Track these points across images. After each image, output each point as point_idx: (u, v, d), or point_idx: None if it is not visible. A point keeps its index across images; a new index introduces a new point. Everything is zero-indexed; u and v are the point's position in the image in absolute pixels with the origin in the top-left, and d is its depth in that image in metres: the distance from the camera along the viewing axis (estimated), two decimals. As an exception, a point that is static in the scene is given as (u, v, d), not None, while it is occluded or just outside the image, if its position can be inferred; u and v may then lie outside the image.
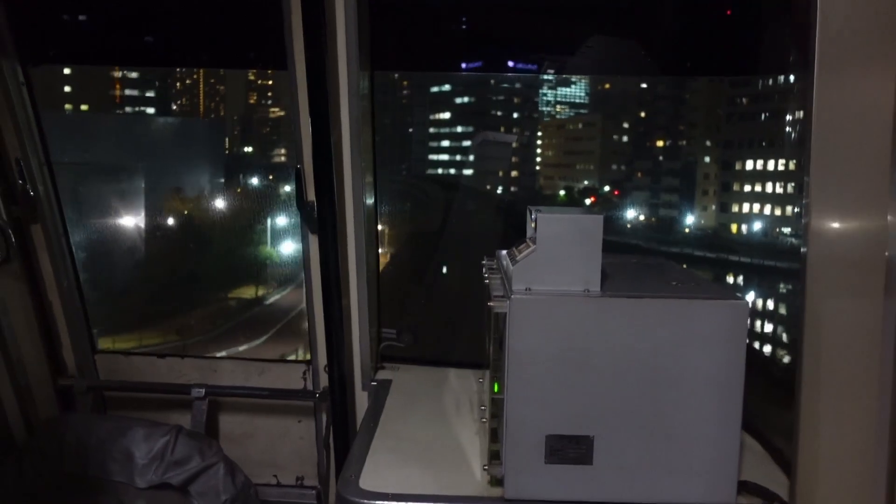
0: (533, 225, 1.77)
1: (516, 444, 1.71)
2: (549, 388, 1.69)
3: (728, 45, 2.47)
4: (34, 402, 2.79)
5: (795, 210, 2.98)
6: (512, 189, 4.18)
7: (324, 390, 2.73)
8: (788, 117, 2.60)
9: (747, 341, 1.67)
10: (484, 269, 2.04)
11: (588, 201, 3.95)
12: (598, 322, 1.67)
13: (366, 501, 1.77)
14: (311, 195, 2.41)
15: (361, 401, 2.66)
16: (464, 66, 3.09)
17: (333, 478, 2.79)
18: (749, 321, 1.68)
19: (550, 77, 3.72)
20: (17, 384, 2.70)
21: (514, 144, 4.09)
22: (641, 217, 3.90)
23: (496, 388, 1.83)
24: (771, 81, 2.88)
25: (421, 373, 2.73)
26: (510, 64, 3.06)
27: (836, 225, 1.52)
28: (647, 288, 1.77)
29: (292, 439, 2.96)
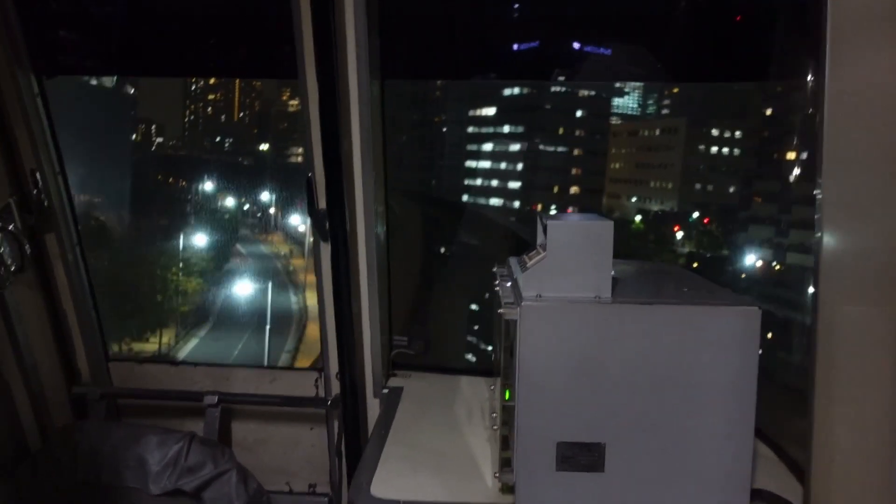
0: (543, 232, 1.77)
1: (527, 452, 1.71)
2: (560, 395, 1.69)
3: (742, 50, 2.46)
4: (48, 410, 2.80)
5: None
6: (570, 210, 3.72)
7: (335, 398, 2.73)
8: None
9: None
10: (495, 277, 2.05)
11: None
12: (608, 329, 1.67)
13: None
14: (322, 203, 2.42)
15: (373, 408, 2.66)
16: (516, 46, 2.70)
17: (345, 485, 2.80)
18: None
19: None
20: (32, 391, 2.72)
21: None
22: (753, 260, 2.63)
23: (507, 396, 1.83)
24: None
25: (432, 380, 2.73)
26: (576, 46, 2.66)
27: (849, 232, 1.51)
28: (658, 294, 1.77)
29: (304, 446, 2.96)
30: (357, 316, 2.55)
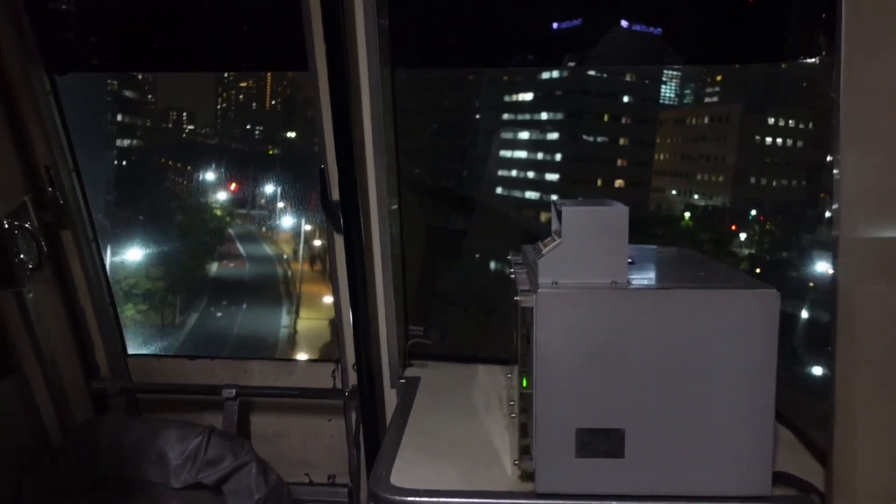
0: (558, 218, 1.76)
1: (546, 439, 1.70)
2: (578, 381, 1.68)
3: (755, 31, 2.42)
4: (69, 405, 2.83)
5: None
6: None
7: (353, 389, 2.74)
8: None
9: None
10: (510, 264, 2.04)
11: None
12: (626, 314, 1.66)
13: (397, 498, 1.77)
14: (335, 195, 2.41)
15: (391, 398, 2.67)
16: (556, 25, 2.57)
17: (365, 475, 2.80)
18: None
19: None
20: (52, 387, 2.75)
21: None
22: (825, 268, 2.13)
23: (525, 383, 1.82)
24: None
25: (449, 369, 2.73)
26: (623, 24, 2.53)
27: (868, 210, 1.49)
28: (675, 279, 1.75)
29: (323, 438, 2.97)
30: (373, 306, 2.55)
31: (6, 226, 2.45)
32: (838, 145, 1.48)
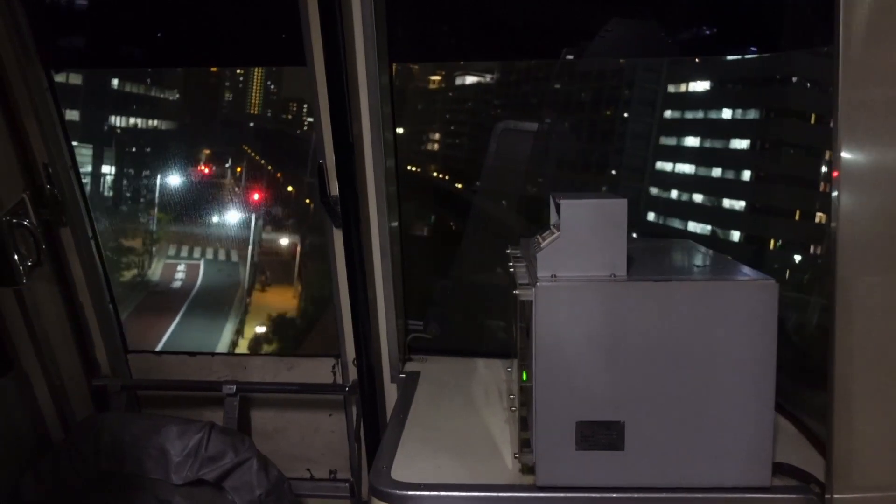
0: (557, 211, 1.76)
1: (547, 432, 1.71)
2: (577, 374, 1.68)
3: (753, 21, 2.40)
4: (69, 402, 2.83)
5: None
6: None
7: (353, 384, 2.74)
8: None
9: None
10: (509, 258, 2.04)
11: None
12: (625, 307, 1.66)
13: (398, 492, 1.78)
14: (334, 190, 2.41)
15: (391, 393, 2.67)
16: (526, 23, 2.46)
17: (365, 470, 2.81)
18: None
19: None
20: (53, 385, 2.75)
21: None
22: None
23: (525, 377, 1.82)
24: None
25: (449, 364, 2.73)
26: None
27: (866, 200, 1.49)
28: (674, 270, 1.76)
29: (324, 433, 2.98)
30: (372, 301, 2.55)
31: (5, 223, 2.45)
32: (836, 137, 1.48)
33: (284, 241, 4.74)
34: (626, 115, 2.76)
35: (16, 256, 2.47)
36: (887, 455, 1.54)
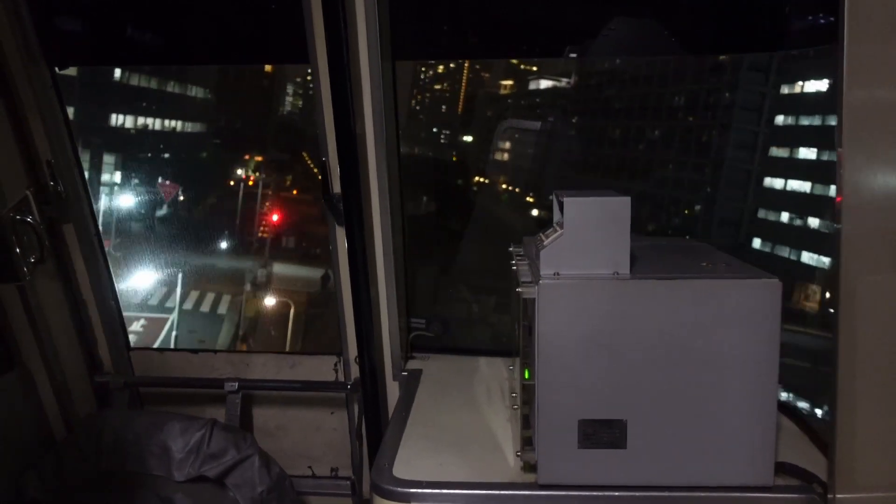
0: (560, 209, 1.76)
1: (549, 430, 1.71)
2: (580, 372, 1.68)
3: (757, 20, 2.38)
4: (72, 399, 2.83)
5: None
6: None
7: (355, 381, 2.74)
8: None
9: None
10: (512, 256, 2.03)
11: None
12: (628, 305, 1.66)
13: (400, 490, 1.78)
14: (336, 187, 2.41)
15: (393, 391, 2.67)
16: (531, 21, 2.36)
17: (367, 468, 2.81)
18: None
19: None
20: (55, 381, 2.75)
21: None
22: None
23: (527, 375, 1.82)
24: None
25: (451, 362, 2.73)
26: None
27: (872, 199, 1.49)
28: (677, 269, 1.75)
29: (325, 431, 2.98)
30: (375, 299, 2.55)
31: (8, 219, 2.45)
32: (841, 137, 1.48)
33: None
34: (726, 121, 2.43)
35: (19, 253, 2.47)
36: (891, 455, 1.54)
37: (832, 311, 1.54)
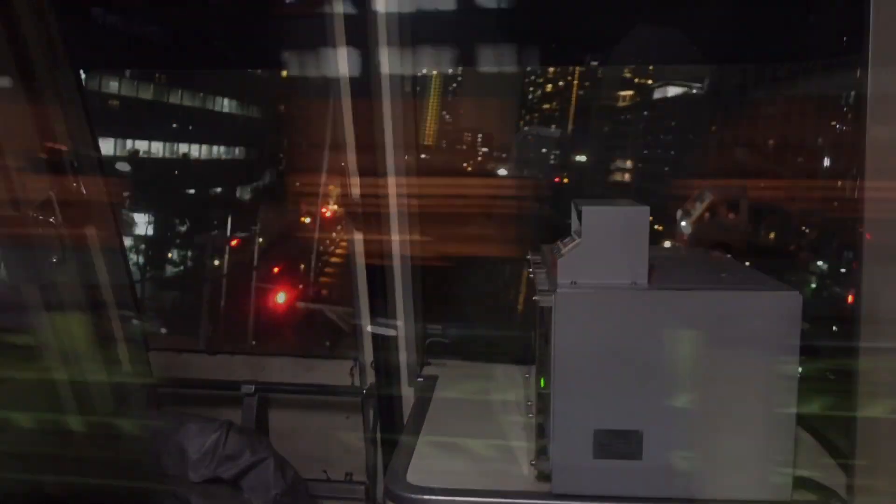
0: (578, 218, 1.75)
1: (564, 440, 1.70)
2: (596, 382, 1.67)
3: (779, 30, 2.37)
4: (90, 399, 2.86)
5: None
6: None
7: (371, 386, 2.74)
8: None
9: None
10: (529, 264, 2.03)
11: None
12: (645, 315, 1.64)
13: (413, 496, 1.77)
14: (356, 195, 2.42)
15: (408, 397, 2.67)
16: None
17: (381, 473, 2.81)
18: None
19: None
20: (74, 381, 2.77)
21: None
22: None
23: (543, 384, 1.82)
24: None
25: (467, 369, 2.72)
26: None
27: (894, 209, 1.47)
28: (696, 280, 1.74)
29: (341, 435, 2.98)
30: (391, 305, 2.55)
31: (31, 220, 2.48)
32: (865, 146, 1.46)
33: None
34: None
35: (40, 253, 2.50)
36: (911, 472, 1.52)
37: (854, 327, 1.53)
